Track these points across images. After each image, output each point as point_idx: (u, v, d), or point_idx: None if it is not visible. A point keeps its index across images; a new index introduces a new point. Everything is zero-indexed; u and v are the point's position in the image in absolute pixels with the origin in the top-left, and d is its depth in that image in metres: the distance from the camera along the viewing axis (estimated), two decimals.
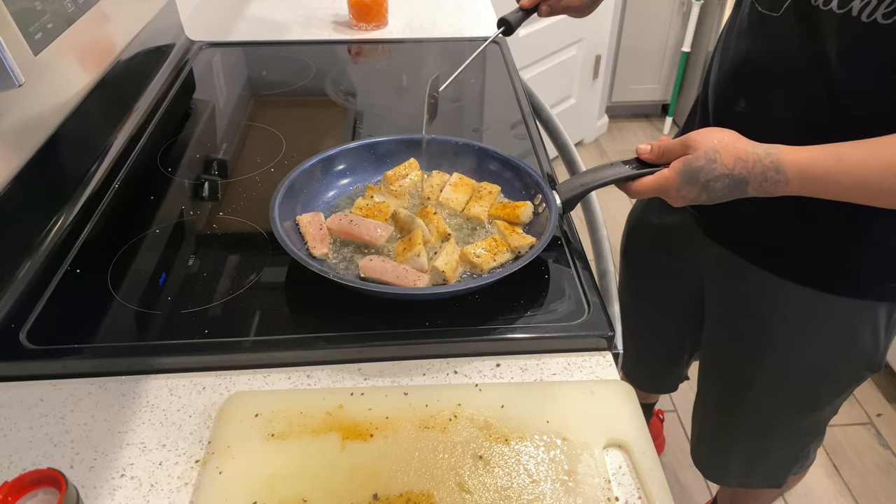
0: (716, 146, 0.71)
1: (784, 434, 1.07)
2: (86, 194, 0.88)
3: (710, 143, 0.71)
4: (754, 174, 0.70)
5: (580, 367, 0.70)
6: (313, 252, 0.77)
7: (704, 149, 0.71)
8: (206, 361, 0.69)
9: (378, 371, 0.69)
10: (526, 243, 0.78)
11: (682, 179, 0.72)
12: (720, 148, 0.71)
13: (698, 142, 0.72)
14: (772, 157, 0.70)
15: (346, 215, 0.81)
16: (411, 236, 0.78)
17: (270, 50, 1.37)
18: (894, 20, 0.65)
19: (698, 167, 0.71)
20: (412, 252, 0.75)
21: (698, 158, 0.71)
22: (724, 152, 0.70)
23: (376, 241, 0.79)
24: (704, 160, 0.71)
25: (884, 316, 0.88)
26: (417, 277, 0.73)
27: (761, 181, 0.70)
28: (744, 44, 0.83)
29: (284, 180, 0.83)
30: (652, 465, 0.60)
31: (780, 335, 0.94)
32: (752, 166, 0.70)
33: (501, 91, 1.21)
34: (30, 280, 0.75)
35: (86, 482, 0.59)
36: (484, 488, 0.57)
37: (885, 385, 1.91)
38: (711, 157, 0.70)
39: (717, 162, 0.70)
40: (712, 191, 0.72)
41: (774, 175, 0.70)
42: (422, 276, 0.74)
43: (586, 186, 0.81)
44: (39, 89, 0.79)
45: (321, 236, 0.79)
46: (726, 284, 1.00)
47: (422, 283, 0.73)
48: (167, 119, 1.10)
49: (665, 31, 2.87)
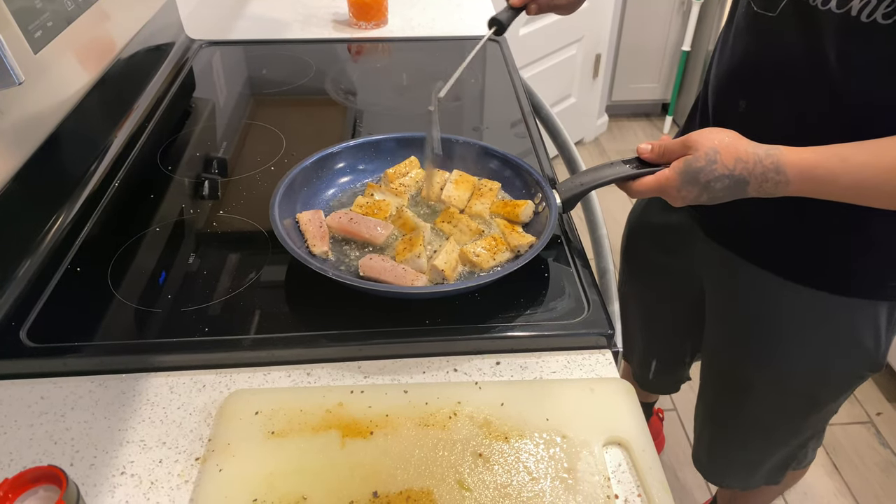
0: (716, 147, 0.71)
1: (785, 434, 1.07)
2: (86, 193, 0.88)
3: (711, 143, 0.71)
4: (755, 175, 0.70)
5: (580, 364, 0.70)
6: (313, 250, 0.77)
7: (705, 149, 0.71)
8: (207, 359, 0.69)
9: (378, 369, 0.69)
10: (525, 242, 0.78)
11: (682, 180, 0.72)
12: (720, 148, 0.70)
13: (699, 142, 0.72)
14: (772, 158, 0.70)
15: (345, 213, 0.82)
16: (412, 236, 0.78)
17: (270, 48, 1.37)
18: (894, 20, 0.65)
19: (698, 168, 0.71)
20: (412, 253, 0.75)
21: (698, 159, 0.71)
22: (725, 153, 0.70)
23: (376, 239, 0.79)
24: (705, 161, 0.70)
25: (884, 316, 0.88)
26: (416, 277, 0.73)
27: (761, 182, 0.70)
28: (741, 43, 0.83)
29: (284, 178, 0.83)
30: (651, 463, 0.60)
31: (780, 336, 0.94)
32: (752, 167, 0.70)
33: (501, 90, 1.21)
34: (30, 278, 0.75)
35: (86, 480, 0.59)
36: (483, 486, 0.57)
37: (885, 384, 1.91)
38: (712, 157, 0.70)
39: (717, 163, 0.70)
40: (712, 191, 0.72)
41: (775, 176, 0.70)
42: (420, 275, 0.74)
43: (586, 186, 0.80)
44: (39, 88, 0.79)
45: (321, 234, 0.79)
46: (726, 285, 1.00)
47: (420, 283, 0.73)
48: (167, 117, 1.10)
49: (665, 30, 2.87)
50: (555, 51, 2.57)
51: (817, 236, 0.84)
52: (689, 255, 1.04)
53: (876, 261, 0.83)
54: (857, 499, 1.64)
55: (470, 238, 0.81)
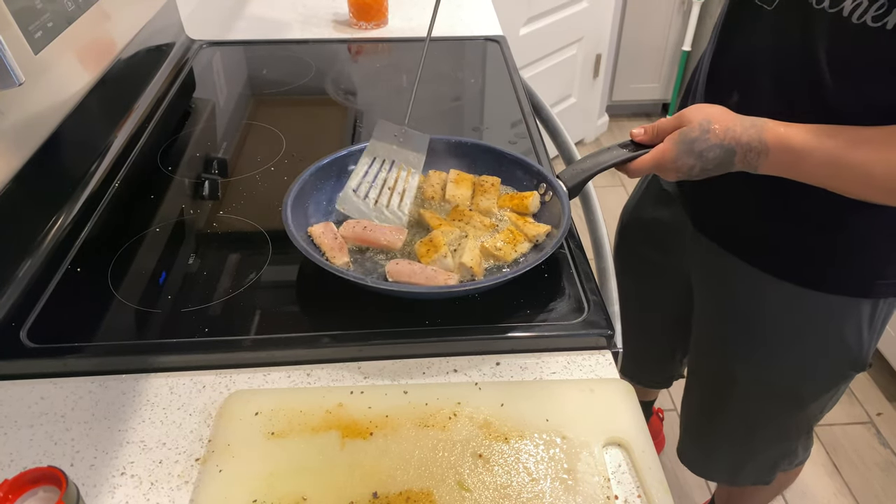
0: (708, 117, 0.75)
1: (769, 432, 1.07)
2: (86, 193, 0.88)
3: (703, 114, 0.75)
4: (741, 144, 0.74)
5: (580, 365, 0.70)
6: (333, 262, 0.75)
7: (698, 120, 0.75)
8: (206, 360, 0.69)
9: (378, 369, 0.69)
10: (543, 231, 0.80)
11: (678, 150, 0.76)
12: (712, 118, 0.75)
13: (691, 115, 0.76)
14: (756, 128, 0.74)
15: (358, 222, 0.80)
16: (432, 237, 0.78)
17: (270, 49, 1.37)
18: (884, 24, 0.65)
19: (693, 137, 0.75)
20: (438, 254, 0.75)
21: (693, 129, 0.75)
22: (717, 123, 0.74)
23: (394, 244, 0.78)
24: (699, 130, 0.75)
25: (867, 313, 0.88)
26: (448, 276, 0.73)
27: (746, 151, 0.74)
28: (736, 36, 0.84)
29: (294, 184, 0.81)
30: (651, 463, 0.60)
31: (764, 332, 0.95)
32: (739, 136, 0.74)
33: (501, 90, 1.21)
34: (30, 279, 0.75)
35: (86, 480, 0.59)
36: (483, 486, 0.57)
37: (885, 384, 1.91)
38: (705, 127, 0.74)
39: (710, 132, 0.74)
40: (705, 161, 0.75)
41: (758, 145, 0.73)
42: (452, 275, 0.74)
43: (588, 172, 0.82)
44: (39, 88, 0.79)
45: (338, 245, 0.77)
46: (712, 281, 1.01)
47: (453, 282, 0.73)
48: (167, 118, 1.10)
49: (665, 30, 2.87)
50: (555, 51, 2.57)
51: (802, 233, 0.85)
52: (679, 251, 1.05)
53: (859, 259, 0.84)
54: (858, 499, 1.64)
55: (485, 233, 0.81)
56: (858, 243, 0.83)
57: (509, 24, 2.23)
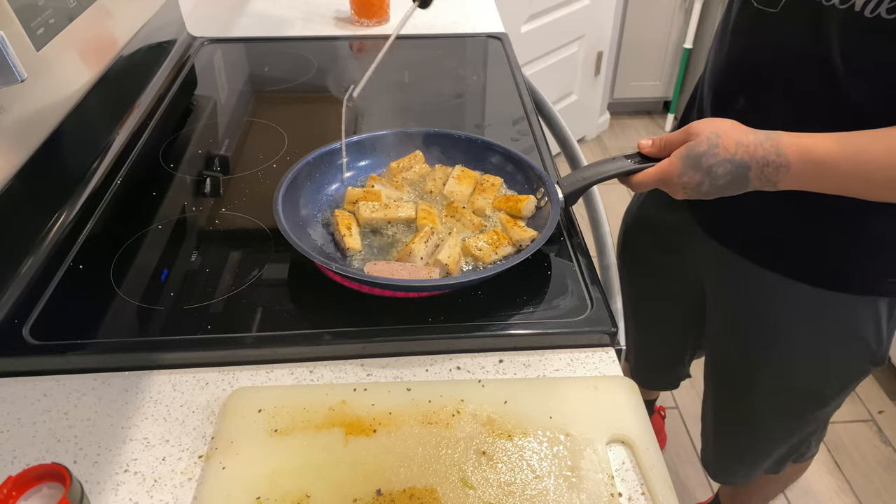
0: (717, 131, 0.71)
1: (790, 429, 1.07)
2: (88, 190, 0.88)
3: (712, 128, 0.71)
4: (756, 159, 0.70)
5: (583, 362, 0.70)
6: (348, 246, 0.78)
7: (706, 134, 0.71)
8: (209, 357, 0.69)
9: (381, 367, 0.69)
10: (527, 237, 0.78)
11: (684, 165, 0.72)
12: (722, 133, 0.71)
13: (700, 129, 0.72)
14: (772, 141, 0.70)
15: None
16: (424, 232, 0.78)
17: (272, 46, 1.37)
18: None
19: (700, 151, 0.71)
20: (404, 251, 0.75)
21: (700, 143, 0.71)
22: (726, 137, 0.70)
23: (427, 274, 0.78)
24: (707, 145, 0.70)
25: (885, 310, 0.87)
26: (430, 271, 0.73)
27: (763, 166, 0.70)
28: (740, 39, 0.82)
29: (286, 175, 0.82)
30: (655, 461, 0.60)
31: (782, 334, 0.94)
32: (753, 150, 0.70)
33: (503, 87, 1.21)
34: (33, 276, 0.75)
35: (89, 477, 0.59)
36: (487, 484, 0.57)
37: (886, 382, 1.91)
38: (713, 141, 0.70)
39: (718, 146, 0.70)
40: (714, 177, 0.71)
41: (776, 159, 0.69)
42: (434, 270, 0.74)
43: (588, 180, 0.81)
44: (41, 85, 0.79)
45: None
46: (726, 283, 0.99)
47: (434, 276, 0.73)
48: (169, 115, 1.10)
49: (667, 28, 2.87)
50: (557, 48, 2.56)
51: (815, 234, 0.83)
52: (687, 254, 1.03)
53: (874, 258, 0.83)
54: (859, 496, 1.64)
55: (472, 232, 0.81)
56: (872, 243, 0.81)
57: (511, 22, 2.22)
